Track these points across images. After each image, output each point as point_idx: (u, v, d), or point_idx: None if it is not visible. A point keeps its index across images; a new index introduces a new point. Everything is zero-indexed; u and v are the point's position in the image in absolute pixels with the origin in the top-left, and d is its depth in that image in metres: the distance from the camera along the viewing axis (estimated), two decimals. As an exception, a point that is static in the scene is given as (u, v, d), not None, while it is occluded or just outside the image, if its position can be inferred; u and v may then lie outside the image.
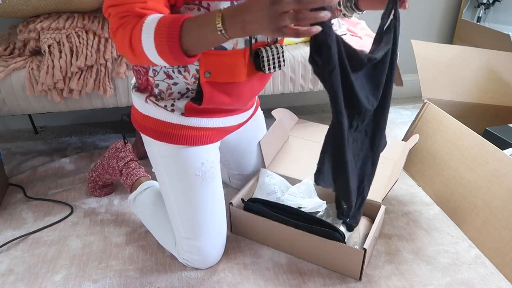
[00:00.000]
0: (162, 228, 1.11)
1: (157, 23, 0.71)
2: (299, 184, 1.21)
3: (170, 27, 0.70)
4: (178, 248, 1.06)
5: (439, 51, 1.65)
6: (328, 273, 1.06)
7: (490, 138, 1.26)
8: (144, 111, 1.00)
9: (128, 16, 0.75)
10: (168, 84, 0.96)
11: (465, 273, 1.06)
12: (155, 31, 0.71)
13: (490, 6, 2.02)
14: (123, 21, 0.75)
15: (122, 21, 0.75)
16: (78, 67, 1.28)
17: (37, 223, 1.23)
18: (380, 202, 1.14)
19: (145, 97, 0.99)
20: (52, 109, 1.37)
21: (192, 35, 0.71)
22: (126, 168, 1.26)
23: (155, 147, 1.02)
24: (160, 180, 1.05)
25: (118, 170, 1.27)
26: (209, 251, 1.05)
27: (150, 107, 0.99)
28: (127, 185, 1.25)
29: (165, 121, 0.98)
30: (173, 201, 1.03)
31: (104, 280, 1.03)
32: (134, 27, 0.73)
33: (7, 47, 1.38)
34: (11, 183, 1.41)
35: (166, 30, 0.71)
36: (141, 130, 1.03)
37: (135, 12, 0.74)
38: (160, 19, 0.72)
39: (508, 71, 1.64)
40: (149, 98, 0.99)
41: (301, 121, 1.63)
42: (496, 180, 1.13)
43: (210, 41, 0.71)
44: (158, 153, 1.02)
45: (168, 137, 0.99)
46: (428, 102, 1.48)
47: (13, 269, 1.07)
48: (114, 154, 1.30)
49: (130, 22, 0.74)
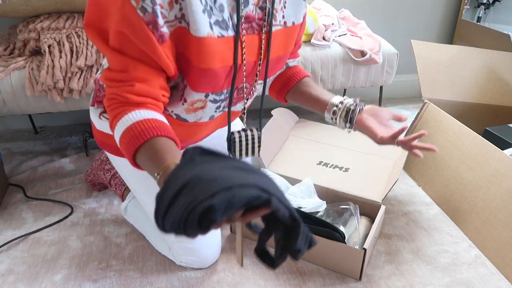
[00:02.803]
0: (155, 235, 1.11)
1: (125, 129, 0.72)
2: (299, 184, 1.21)
3: (130, 142, 0.72)
4: (173, 252, 1.06)
5: (439, 51, 1.65)
6: (328, 273, 1.05)
7: (490, 138, 1.25)
8: (99, 127, 0.98)
9: (115, 100, 0.75)
10: None
11: (465, 273, 1.06)
12: (121, 136, 0.73)
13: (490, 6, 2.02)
14: (110, 103, 0.76)
15: (110, 102, 0.76)
16: (78, 67, 1.28)
17: (37, 223, 1.23)
18: (380, 202, 1.14)
19: (99, 113, 0.98)
20: (52, 109, 1.37)
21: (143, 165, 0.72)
22: (114, 179, 1.27)
23: (118, 162, 1.01)
24: (134, 190, 1.05)
25: (107, 181, 1.29)
26: (204, 251, 1.04)
27: (105, 123, 0.96)
28: (118, 195, 1.26)
29: None
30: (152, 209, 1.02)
31: (104, 280, 1.03)
32: (114, 118, 0.75)
33: (7, 47, 1.38)
34: (11, 183, 1.41)
35: (127, 142, 0.72)
36: (100, 145, 1.02)
37: (121, 98, 0.74)
38: (128, 128, 0.72)
39: (508, 71, 1.64)
40: (103, 115, 0.97)
41: (301, 120, 1.63)
42: (496, 180, 1.13)
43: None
44: (122, 167, 1.02)
45: None
46: (428, 102, 1.48)
47: (13, 269, 1.07)
48: (100, 167, 1.31)
49: (115, 108, 0.75)
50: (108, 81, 0.76)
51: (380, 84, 1.64)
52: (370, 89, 2.08)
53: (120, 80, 0.74)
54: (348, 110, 0.93)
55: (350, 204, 1.13)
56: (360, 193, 1.17)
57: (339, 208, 1.14)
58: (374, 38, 1.60)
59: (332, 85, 1.56)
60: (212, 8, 0.74)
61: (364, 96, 2.18)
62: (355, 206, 1.13)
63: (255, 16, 0.80)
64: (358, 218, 1.11)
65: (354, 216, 1.11)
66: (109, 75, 0.75)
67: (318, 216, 1.11)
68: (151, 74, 0.74)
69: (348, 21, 1.78)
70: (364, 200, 1.15)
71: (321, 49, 1.51)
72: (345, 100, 0.94)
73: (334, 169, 1.31)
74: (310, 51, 1.49)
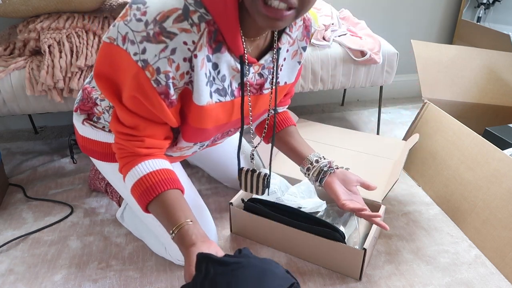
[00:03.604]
0: (150, 236, 1.11)
1: (136, 181, 0.81)
2: (299, 184, 1.20)
3: (142, 195, 0.80)
4: (170, 252, 1.06)
5: (439, 51, 1.65)
6: (328, 273, 1.05)
7: (490, 138, 1.25)
8: (83, 133, 1.00)
9: (124, 150, 0.82)
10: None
11: (465, 273, 1.06)
12: (133, 186, 0.81)
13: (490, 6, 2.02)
14: (119, 152, 0.83)
15: (119, 152, 0.83)
16: (78, 67, 1.28)
17: (37, 223, 1.23)
18: (380, 202, 1.14)
19: (82, 119, 0.99)
20: (52, 109, 1.37)
21: (156, 216, 0.81)
22: (109, 186, 1.27)
23: (102, 167, 1.03)
24: (122, 194, 1.06)
25: (103, 189, 1.30)
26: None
27: (88, 129, 0.99)
28: (115, 202, 1.26)
29: (104, 142, 0.99)
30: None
31: (104, 280, 1.03)
32: (124, 166, 0.83)
33: (7, 47, 1.38)
34: (11, 183, 1.41)
35: (139, 194, 0.81)
36: (84, 152, 1.04)
37: (131, 151, 0.81)
38: (140, 180, 0.80)
39: (508, 71, 1.64)
40: (87, 121, 0.99)
41: (301, 120, 1.63)
42: (496, 180, 1.13)
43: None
44: (107, 171, 1.03)
45: (109, 157, 1.00)
46: (428, 102, 1.48)
47: (13, 269, 1.07)
48: (95, 176, 1.32)
49: (124, 157, 0.82)
50: (119, 133, 0.82)
51: (380, 84, 1.64)
52: (370, 89, 2.08)
53: (130, 135, 0.81)
54: (321, 170, 1.01)
55: (350, 204, 1.13)
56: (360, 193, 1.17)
57: (339, 208, 1.14)
58: (374, 38, 1.60)
59: (332, 85, 1.56)
60: (215, 78, 0.81)
61: (364, 96, 2.18)
62: (355, 206, 1.13)
63: (254, 82, 0.89)
64: (358, 218, 1.11)
65: (354, 216, 1.11)
66: (119, 129, 0.81)
67: (318, 216, 1.11)
68: (158, 129, 0.82)
69: (348, 21, 1.78)
70: (364, 200, 1.15)
71: (321, 49, 1.51)
72: (320, 160, 1.02)
73: (334, 169, 1.31)
74: (310, 51, 1.50)
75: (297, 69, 0.98)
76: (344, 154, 1.40)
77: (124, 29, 0.70)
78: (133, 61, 0.71)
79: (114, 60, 0.73)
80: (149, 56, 0.70)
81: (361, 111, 2.06)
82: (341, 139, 1.48)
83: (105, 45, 0.73)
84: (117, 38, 0.71)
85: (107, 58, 0.74)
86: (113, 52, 0.72)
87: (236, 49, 0.78)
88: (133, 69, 0.71)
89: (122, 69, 0.73)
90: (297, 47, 0.94)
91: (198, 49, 0.73)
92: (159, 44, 0.70)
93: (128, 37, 0.70)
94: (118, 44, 0.71)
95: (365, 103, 2.15)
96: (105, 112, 0.97)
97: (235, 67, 0.81)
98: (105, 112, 0.97)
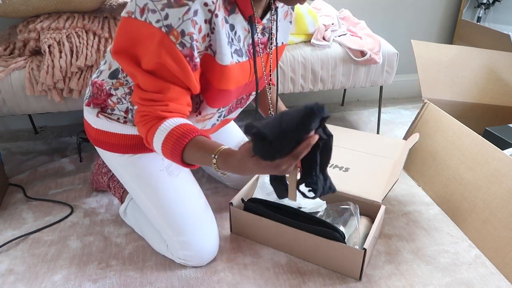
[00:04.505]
0: (152, 234, 1.11)
1: (166, 135, 0.82)
2: (299, 184, 1.20)
3: (175, 143, 0.81)
4: (171, 249, 1.06)
5: (439, 51, 1.65)
6: (328, 273, 1.06)
7: (490, 138, 1.25)
8: (96, 125, 1.01)
9: (148, 116, 0.84)
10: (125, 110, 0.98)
11: (465, 273, 1.06)
12: (163, 141, 0.82)
13: (490, 6, 2.02)
14: (143, 119, 0.85)
15: (143, 119, 0.85)
16: (78, 67, 1.28)
17: (37, 223, 1.23)
18: (380, 202, 1.14)
19: (96, 112, 1.00)
20: (52, 109, 1.37)
21: (193, 157, 0.82)
22: (112, 181, 1.27)
23: (113, 160, 1.04)
24: (129, 188, 1.06)
25: (106, 185, 1.29)
26: (201, 244, 1.04)
27: (102, 121, 1.00)
28: (118, 198, 1.26)
29: (119, 133, 0.99)
30: (149, 203, 1.04)
31: (104, 280, 1.03)
32: (150, 129, 0.84)
33: (7, 47, 1.38)
34: (11, 183, 1.41)
35: (172, 145, 0.82)
36: (96, 144, 1.04)
37: (155, 115, 0.83)
38: (170, 132, 0.82)
39: (508, 71, 1.64)
40: (101, 113, 1.00)
41: (301, 121, 1.63)
42: (496, 180, 1.13)
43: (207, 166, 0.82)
44: (118, 165, 1.04)
45: (123, 148, 1.00)
46: (428, 102, 1.48)
47: (13, 269, 1.07)
48: (98, 171, 1.32)
49: (149, 121, 0.84)
50: (142, 100, 0.83)
51: (380, 84, 1.64)
52: (370, 89, 2.08)
53: (154, 100, 0.82)
54: None
55: (350, 204, 1.13)
56: (360, 193, 1.17)
57: (339, 208, 1.14)
58: (374, 38, 1.60)
59: (332, 85, 1.56)
60: (233, 39, 0.87)
61: (364, 96, 2.18)
62: (355, 206, 1.13)
63: (258, 41, 0.95)
64: (358, 218, 1.11)
65: (354, 216, 1.11)
66: (143, 95, 0.83)
67: (318, 216, 1.11)
68: (181, 93, 0.84)
69: (348, 21, 1.78)
70: (364, 200, 1.15)
71: (321, 49, 1.51)
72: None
73: (334, 169, 1.30)
74: (310, 51, 1.50)
75: (289, 29, 1.07)
76: (344, 154, 1.40)
77: (142, 1, 0.75)
78: (156, 29, 0.75)
79: (134, 33, 0.77)
80: (172, 20, 0.74)
81: (361, 111, 2.06)
82: (341, 139, 1.48)
83: (123, 20, 0.78)
84: (135, 11, 0.76)
85: (127, 33, 0.78)
86: (132, 26, 0.77)
87: (246, 9, 0.85)
88: (157, 36, 0.75)
89: (143, 40, 0.77)
90: (287, 7, 1.02)
91: (217, 8, 0.78)
92: (182, 8, 0.74)
93: (148, 7, 0.75)
94: (136, 17, 0.76)
95: (365, 103, 2.15)
96: (120, 102, 0.98)
97: (246, 27, 0.88)
98: (120, 102, 0.98)
